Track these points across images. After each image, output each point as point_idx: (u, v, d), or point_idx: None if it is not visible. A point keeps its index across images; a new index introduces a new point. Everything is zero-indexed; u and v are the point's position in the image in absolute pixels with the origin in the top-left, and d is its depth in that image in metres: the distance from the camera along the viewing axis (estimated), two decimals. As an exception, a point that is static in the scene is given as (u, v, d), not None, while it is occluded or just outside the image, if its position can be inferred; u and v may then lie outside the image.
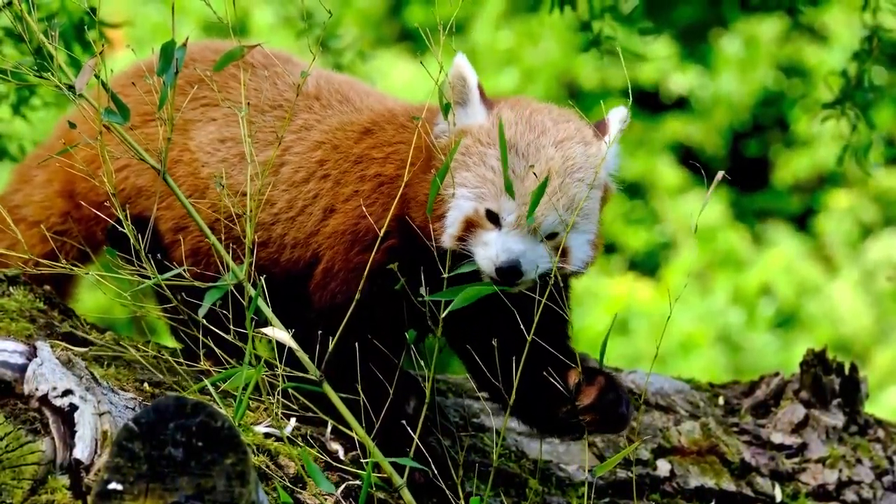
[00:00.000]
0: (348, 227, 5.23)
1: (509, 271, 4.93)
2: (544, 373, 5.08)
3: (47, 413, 4.57)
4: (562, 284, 5.04)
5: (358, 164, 5.31)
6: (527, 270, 4.94)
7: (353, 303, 4.97)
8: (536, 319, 4.89)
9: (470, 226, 4.99)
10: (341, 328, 4.92)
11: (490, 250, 4.95)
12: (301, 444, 5.11)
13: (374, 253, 5.03)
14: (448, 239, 5.01)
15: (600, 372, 5.14)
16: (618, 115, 5.18)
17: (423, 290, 4.95)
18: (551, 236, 5.00)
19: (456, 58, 5.08)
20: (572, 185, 5.01)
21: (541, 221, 4.96)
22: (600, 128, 5.18)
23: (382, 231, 5.02)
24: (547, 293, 4.92)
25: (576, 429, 5.18)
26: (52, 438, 4.52)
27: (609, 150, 5.11)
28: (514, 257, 4.93)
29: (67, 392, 4.57)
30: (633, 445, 5.25)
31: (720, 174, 4.83)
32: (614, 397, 5.10)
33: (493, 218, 4.98)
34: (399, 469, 4.92)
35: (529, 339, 4.90)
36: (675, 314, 5.28)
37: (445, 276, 4.92)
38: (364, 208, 5.17)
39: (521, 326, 4.91)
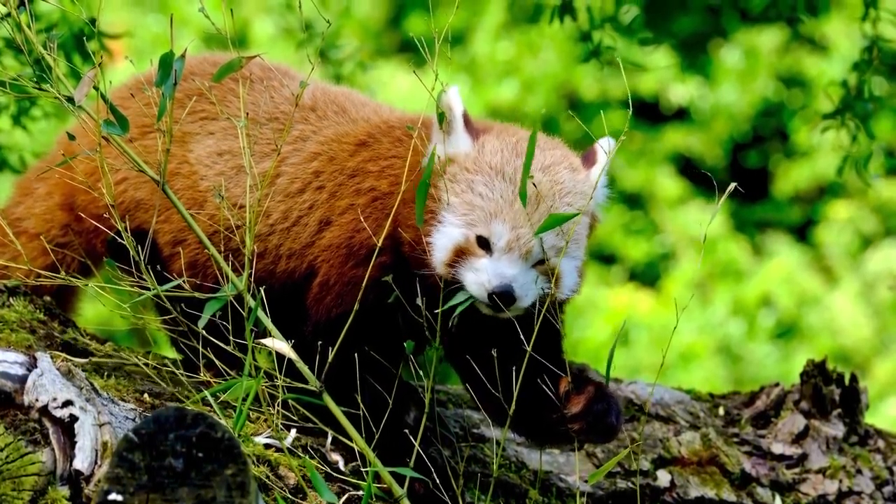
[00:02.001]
0: (343, 240, 5.23)
1: (502, 296, 4.92)
2: (538, 380, 5.08)
3: (47, 424, 4.58)
4: (555, 310, 5.03)
5: (353, 177, 5.31)
6: (519, 296, 4.94)
7: (350, 315, 4.97)
8: (535, 332, 4.89)
9: (461, 253, 4.98)
10: (339, 340, 4.93)
11: (481, 276, 4.94)
12: (301, 454, 5.11)
13: (368, 269, 5.04)
14: (438, 265, 5.01)
15: (591, 381, 5.14)
16: (605, 146, 5.18)
17: (419, 301, 4.96)
18: (541, 262, 5.00)
19: (448, 90, 5.09)
20: (562, 209, 5.00)
21: (531, 246, 4.96)
22: (588, 157, 5.19)
23: (378, 246, 5.03)
24: (546, 306, 4.92)
25: (565, 437, 5.18)
26: (53, 449, 4.52)
27: (598, 181, 5.11)
28: (507, 282, 4.92)
29: (67, 403, 4.57)
30: (624, 451, 5.25)
31: (732, 185, 4.83)
32: (603, 407, 5.09)
33: (484, 244, 4.97)
34: (399, 479, 4.92)
35: (529, 349, 4.91)
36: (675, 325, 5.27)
37: (441, 303, 4.93)
38: (359, 222, 5.17)
39: (517, 338, 4.93)
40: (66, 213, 5.84)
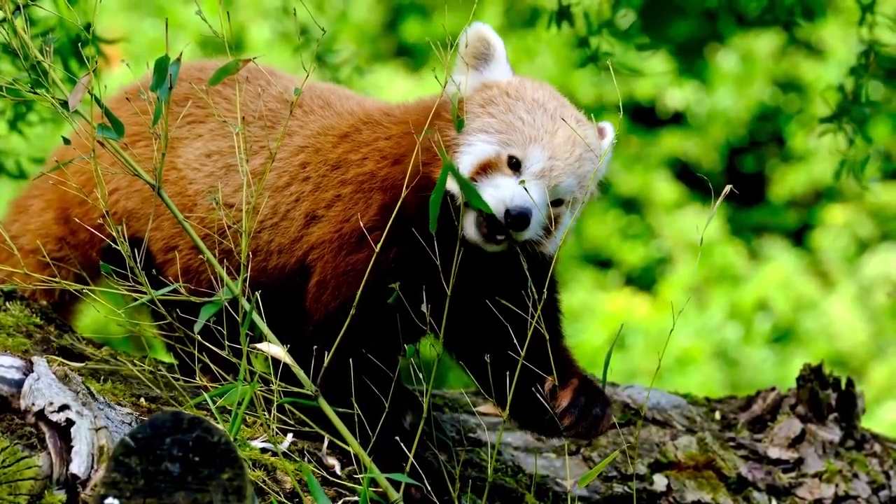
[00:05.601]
0: (333, 234, 5.23)
1: (518, 217, 4.91)
2: (529, 381, 5.08)
3: (44, 428, 4.57)
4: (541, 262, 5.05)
5: (336, 169, 5.33)
6: (532, 225, 4.95)
7: (349, 307, 4.96)
8: (531, 329, 4.90)
9: (486, 168, 5.00)
10: (338, 338, 4.92)
11: (503, 192, 4.94)
12: (298, 459, 5.10)
13: (362, 254, 5.03)
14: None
15: (575, 374, 5.15)
16: (610, 127, 5.30)
17: (423, 308, 4.94)
18: (556, 203, 5.03)
19: (475, 24, 5.16)
20: (586, 162, 5.09)
21: (561, 181, 5.00)
22: (600, 131, 5.30)
23: (385, 233, 5.01)
24: (542, 304, 4.93)
25: (553, 427, 5.18)
26: (49, 453, 4.52)
27: (606, 153, 5.19)
28: (529, 206, 4.93)
29: (64, 407, 4.57)
30: (614, 453, 5.25)
31: (728, 188, 4.84)
32: (588, 399, 5.10)
33: (515, 165, 5.00)
34: (395, 484, 4.91)
35: (525, 349, 4.91)
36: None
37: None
38: (347, 211, 5.18)
39: (512, 331, 4.94)
40: (61, 227, 5.85)
